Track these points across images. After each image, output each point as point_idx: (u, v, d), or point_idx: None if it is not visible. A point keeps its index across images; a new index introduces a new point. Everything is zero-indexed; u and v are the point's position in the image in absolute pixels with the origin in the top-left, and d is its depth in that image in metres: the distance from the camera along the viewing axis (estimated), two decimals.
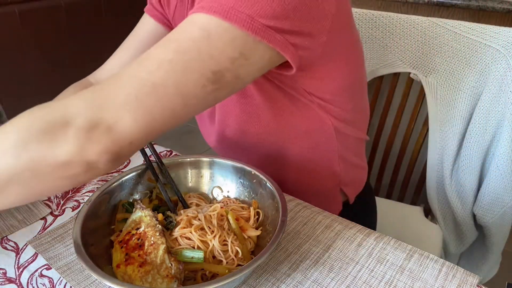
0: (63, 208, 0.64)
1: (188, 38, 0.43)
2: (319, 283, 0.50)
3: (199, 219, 0.52)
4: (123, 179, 0.57)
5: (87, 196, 0.67)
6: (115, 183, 0.56)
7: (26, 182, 0.40)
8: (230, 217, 0.53)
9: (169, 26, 0.74)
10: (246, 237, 0.53)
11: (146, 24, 0.74)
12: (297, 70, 0.52)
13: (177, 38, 0.44)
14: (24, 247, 0.57)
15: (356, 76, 0.65)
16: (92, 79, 0.77)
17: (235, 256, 0.49)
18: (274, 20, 0.44)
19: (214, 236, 0.50)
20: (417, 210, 1.04)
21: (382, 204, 1.06)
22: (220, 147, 0.77)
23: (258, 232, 0.53)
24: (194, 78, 0.43)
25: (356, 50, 0.65)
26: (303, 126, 0.65)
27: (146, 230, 0.50)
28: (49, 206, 0.65)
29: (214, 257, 0.50)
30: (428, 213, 1.05)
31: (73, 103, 0.41)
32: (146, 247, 0.48)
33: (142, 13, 0.76)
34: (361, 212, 0.83)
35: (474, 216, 0.95)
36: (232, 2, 0.43)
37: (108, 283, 0.40)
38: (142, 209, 0.52)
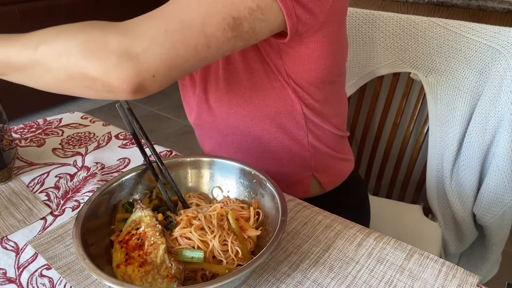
0: (63, 208, 0.64)
1: None
2: (319, 283, 0.50)
3: (199, 219, 0.52)
4: (123, 179, 0.57)
5: (87, 196, 0.67)
6: (115, 183, 0.56)
7: (61, 78, 0.47)
8: (230, 217, 0.53)
9: None
10: (246, 237, 0.53)
11: None
12: (288, 41, 0.56)
13: None
14: (24, 247, 0.57)
15: (334, 72, 0.67)
16: None
17: (235, 256, 0.49)
18: None
19: (214, 236, 0.50)
20: (416, 209, 1.04)
21: (382, 204, 1.06)
22: (198, 122, 0.78)
23: (258, 232, 0.53)
24: (217, 21, 0.48)
25: (342, 49, 0.67)
26: (275, 106, 0.67)
27: (146, 230, 0.50)
28: (49, 206, 0.65)
29: (214, 257, 0.50)
30: (428, 212, 1.05)
31: (112, 30, 0.46)
32: (146, 247, 0.48)
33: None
34: (343, 201, 0.83)
35: (474, 216, 0.95)
36: None
37: (108, 283, 0.40)
38: (142, 209, 0.52)
